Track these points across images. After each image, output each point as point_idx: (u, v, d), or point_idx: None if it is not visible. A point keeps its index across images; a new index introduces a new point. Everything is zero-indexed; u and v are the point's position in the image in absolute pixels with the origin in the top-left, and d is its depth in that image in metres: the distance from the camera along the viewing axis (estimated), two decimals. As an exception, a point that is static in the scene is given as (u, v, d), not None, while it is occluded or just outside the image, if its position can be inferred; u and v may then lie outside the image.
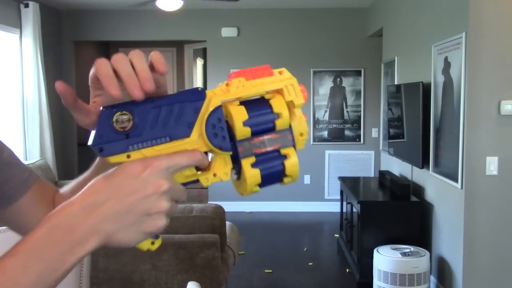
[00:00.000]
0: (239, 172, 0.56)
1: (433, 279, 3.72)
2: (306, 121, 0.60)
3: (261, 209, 6.66)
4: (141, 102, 0.52)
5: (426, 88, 3.80)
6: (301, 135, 0.59)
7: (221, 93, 0.54)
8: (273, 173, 0.56)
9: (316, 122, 6.61)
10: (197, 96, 0.54)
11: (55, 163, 6.01)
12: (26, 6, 5.61)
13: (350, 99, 6.59)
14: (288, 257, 4.77)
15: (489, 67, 3.09)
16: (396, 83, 4.91)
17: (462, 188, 3.18)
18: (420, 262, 3.36)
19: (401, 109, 4.45)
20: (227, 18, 6.61)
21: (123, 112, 0.52)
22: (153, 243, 0.55)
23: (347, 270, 4.33)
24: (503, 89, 3.10)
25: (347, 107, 6.60)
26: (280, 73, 0.57)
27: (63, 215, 0.51)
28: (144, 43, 8.02)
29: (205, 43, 6.84)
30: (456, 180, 3.24)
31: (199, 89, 0.54)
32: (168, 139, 0.53)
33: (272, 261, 4.64)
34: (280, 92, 0.56)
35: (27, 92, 5.69)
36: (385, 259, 3.41)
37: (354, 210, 4.14)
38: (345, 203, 4.72)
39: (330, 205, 6.49)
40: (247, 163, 0.55)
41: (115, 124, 0.52)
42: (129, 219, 0.51)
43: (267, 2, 6.27)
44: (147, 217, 0.52)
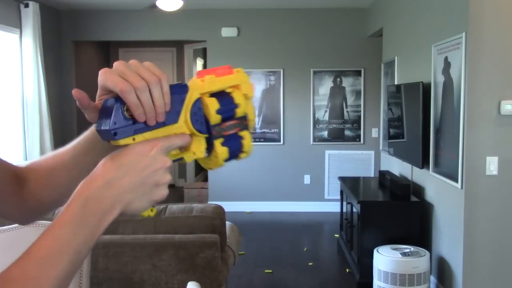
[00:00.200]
0: (209, 151, 0.69)
1: (433, 279, 3.73)
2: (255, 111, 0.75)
3: (261, 209, 6.66)
4: None
5: (426, 88, 3.80)
6: (251, 121, 0.73)
7: (198, 87, 0.66)
8: (235, 150, 0.70)
9: (316, 122, 6.61)
10: (183, 89, 0.65)
11: (55, 163, 6.00)
12: (26, 6, 5.61)
13: (350, 99, 6.59)
14: (288, 257, 4.77)
15: (489, 67, 3.09)
16: (396, 83, 4.91)
17: (462, 188, 3.18)
18: (420, 262, 3.36)
19: (401, 109, 4.45)
20: (227, 18, 6.61)
21: None
22: (152, 210, 0.66)
23: (347, 270, 4.33)
24: (503, 89, 3.10)
25: (347, 107, 6.60)
26: (238, 72, 0.71)
27: (92, 189, 0.60)
28: (144, 43, 8.02)
29: (205, 43, 6.85)
30: (456, 180, 3.24)
31: (183, 83, 0.66)
32: (162, 124, 0.64)
33: (272, 261, 4.64)
34: (237, 87, 0.70)
35: (27, 92, 5.69)
36: (385, 259, 3.41)
37: (354, 210, 4.14)
38: (345, 203, 4.72)
39: (330, 205, 6.50)
40: (218, 143, 0.69)
41: (126, 112, 0.61)
42: (143, 190, 0.63)
43: (267, 2, 6.28)
44: (155, 187, 0.63)
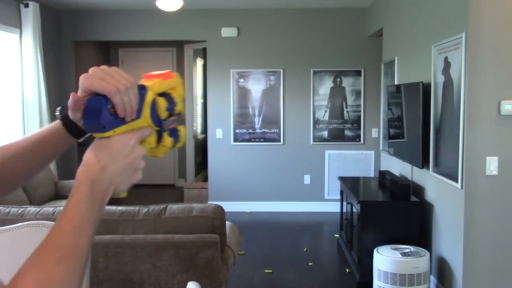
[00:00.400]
0: (158, 141, 0.83)
1: (433, 279, 3.73)
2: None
3: (261, 209, 6.66)
4: None
5: (426, 88, 3.80)
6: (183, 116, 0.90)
7: (152, 88, 0.79)
8: (176, 140, 0.86)
9: (316, 122, 6.61)
10: (143, 90, 0.77)
11: (55, 163, 6.01)
12: (26, 6, 5.61)
13: (350, 99, 6.59)
14: (288, 257, 4.77)
15: (489, 67, 3.09)
16: (396, 83, 4.91)
17: (462, 188, 3.18)
18: (420, 262, 3.36)
19: (401, 109, 4.45)
20: (227, 18, 6.61)
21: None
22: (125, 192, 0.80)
23: (347, 270, 4.33)
24: (503, 89, 3.10)
25: (347, 107, 6.60)
26: (176, 76, 0.85)
27: (93, 173, 0.72)
28: (144, 43, 8.02)
29: (205, 43, 6.84)
30: (456, 180, 3.24)
31: (143, 85, 0.78)
32: (132, 119, 0.76)
33: (272, 261, 4.64)
34: (175, 88, 0.84)
35: (27, 92, 5.69)
36: (385, 259, 3.41)
37: (354, 210, 4.14)
38: (345, 203, 4.72)
39: (330, 205, 6.50)
40: (166, 135, 0.83)
41: (111, 109, 0.73)
42: (127, 174, 0.76)
43: (267, 2, 6.27)
44: (135, 172, 0.77)
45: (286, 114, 6.65)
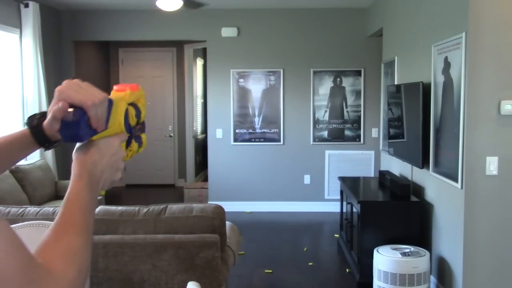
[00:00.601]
0: (127, 146, 0.92)
1: (433, 279, 3.73)
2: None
3: (261, 209, 6.66)
4: None
5: (426, 88, 3.80)
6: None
7: (125, 99, 0.89)
8: (139, 146, 0.96)
9: (316, 122, 6.61)
10: (110, 104, 0.85)
11: (55, 163, 6.01)
12: (26, 6, 5.61)
13: (350, 99, 6.59)
14: (288, 257, 4.77)
15: (489, 67, 3.09)
16: (396, 83, 4.91)
17: (462, 188, 3.18)
18: (420, 262, 3.36)
19: (401, 109, 4.45)
20: (227, 18, 6.61)
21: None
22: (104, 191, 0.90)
23: (347, 270, 4.33)
24: (503, 89, 3.10)
25: (347, 107, 6.60)
26: (140, 88, 0.94)
27: (89, 166, 0.82)
28: (144, 43, 8.02)
29: (205, 43, 6.84)
30: (456, 180, 3.24)
31: (110, 98, 0.86)
32: (103, 130, 0.84)
33: (272, 261, 4.64)
34: (140, 99, 0.94)
35: (27, 92, 5.69)
36: (385, 259, 3.41)
37: (354, 210, 4.14)
38: (345, 203, 4.72)
39: (330, 205, 6.50)
40: (133, 141, 0.94)
41: (88, 121, 0.81)
42: (111, 171, 0.86)
43: (267, 2, 6.27)
44: (116, 171, 0.87)
45: (286, 114, 6.65)
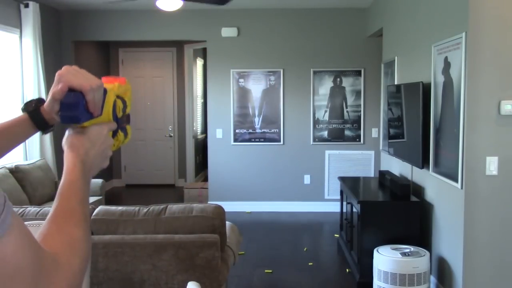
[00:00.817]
0: (113, 136, 0.95)
1: (433, 279, 3.73)
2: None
3: (261, 209, 6.66)
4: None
5: (426, 88, 3.80)
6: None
7: (113, 90, 0.92)
8: (125, 136, 1.00)
9: (316, 122, 6.61)
10: (105, 91, 0.88)
11: (55, 163, 6.01)
12: (26, 6, 5.61)
13: (350, 99, 6.59)
14: (288, 257, 4.77)
15: (489, 67, 3.09)
16: (396, 83, 4.91)
17: (462, 188, 3.18)
18: (420, 262, 3.36)
19: (401, 109, 4.45)
20: (227, 18, 6.61)
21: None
22: None
23: (347, 270, 4.33)
24: (503, 89, 3.10)
25: (347, 107, 6.60)
26: (127, 82, 0.98)
27: (81, 155, 0.84)
28: (144, 43, 8.02)
29: (205, 43, 6.84)
30: (456, 180, 3.24)
31: (104, 87, 0.89)
32: (98, 115, 0.88)
33: (272, 261, 4.64)
34: (126, 93, 0.98)
35: (27, 92, 5.69)
36: (385, 259, 3.41)
37: (354, 210, 4.14)
38: (345, 203, 4.72)
39: (330, 205, 6.50)
40: (120, 131, 0.97)
41: (86, 104, 0.84)
42: (101, 158, 0.89)
43: (267, 2, 6.27)
44: (105, 159, 0.90)
45: (286, 114, 6.65)
